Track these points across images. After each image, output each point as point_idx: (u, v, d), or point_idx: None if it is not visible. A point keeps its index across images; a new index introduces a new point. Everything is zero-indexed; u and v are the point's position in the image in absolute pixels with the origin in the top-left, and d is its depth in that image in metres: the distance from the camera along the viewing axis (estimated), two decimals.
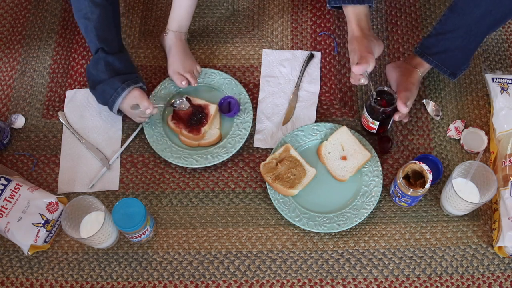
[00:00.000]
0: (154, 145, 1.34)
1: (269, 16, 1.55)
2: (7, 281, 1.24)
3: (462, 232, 1.26)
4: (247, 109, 1.39)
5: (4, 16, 1.57)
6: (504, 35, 1.49)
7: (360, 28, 1.28)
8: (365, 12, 1.31)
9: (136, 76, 1.33)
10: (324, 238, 1.27)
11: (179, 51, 1.40)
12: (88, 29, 1.31)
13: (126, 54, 1.37)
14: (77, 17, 1.33)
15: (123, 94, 1.29)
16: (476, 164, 1.18)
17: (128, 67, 1.35)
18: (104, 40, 1.32)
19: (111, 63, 1.31)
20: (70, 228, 1.17)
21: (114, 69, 1.31)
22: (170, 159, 1.33)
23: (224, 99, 1.39)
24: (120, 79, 1.29)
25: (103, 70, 1.30)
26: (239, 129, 1.37)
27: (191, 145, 1.35)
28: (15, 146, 1.39)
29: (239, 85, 1.42)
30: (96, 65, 1.32)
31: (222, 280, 1.23)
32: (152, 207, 1.31)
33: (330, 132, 1.35)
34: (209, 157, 1.33)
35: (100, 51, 1.31)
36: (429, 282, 1.22)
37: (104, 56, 1.31)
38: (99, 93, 1.33)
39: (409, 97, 1.29)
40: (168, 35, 1.41)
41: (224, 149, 1.34)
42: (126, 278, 1.24)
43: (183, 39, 1.42)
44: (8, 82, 1.47)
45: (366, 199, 1.27)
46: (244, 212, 1.30)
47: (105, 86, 1.30)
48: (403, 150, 1.36)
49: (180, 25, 1.40)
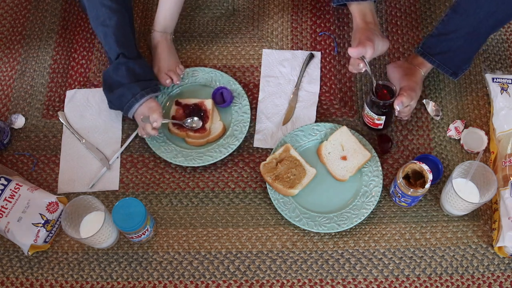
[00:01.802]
0: (163, 155, 1.33)
1: (269, 16, 1.55)
2: (7, 281, 1.24)
3: (462, 232, 1.26)
4: (240, 94, 1.40)
5: (4, 16, 1.57)
6: (504, 35, 1.49)
7: (365, 22, 1.28)
8: (370, 8, 1.30)
9: (156, 84, 1.35)
10: (324, 238, 1.27)
11: (163, 50, 1.41)
12: (108, 35, 1.32)
13: (144, 60, 1.38)
14: (95, 25, 1.35)
15: (141, 101, 1.29)
16: (476, 164, 1.18)
17: (147, 72, 1.36)
18: (124, 45, 1.33)
19: (132, 69, 1.32)
20: (70, 228, 1.17)
21: (135, 75, 1.32)
22: (184, 163, 1.32)
23: (216, 91, 1.40)
24: (140, 86, 1.30)
25: (124, 75, 1.31)
26: (239, 115, 1.38)
27: (200, 143, 1.35)
28: (15, 146, 1.39)
29: (225, 75, 1.43)
30: (116, 70, 1.32)
31: (222, 280, 1.23)
32: (152, 207, 1.31)
33: (330, 132, 1.35)
34: (222, 149, 1.34)
35: (121, 56, 1.32)
36: (429, 282, 1.22)
37: (125, 62, 1.32)
38: (116, 97, 1.32)
39: (413, 96, 1.29)
40: (153, 34, 1.42)
41: (233, 137, 1.35)
42: (126, 278, 1.24)
43: (168, 39, 1.43)
44: (8, 82, 1.47)
45: (366, 199, 1.27)
46: (244, 212, 1.30)
47: (124, 90, 1.30)
48: (403, 150, 1.36)
49: (165, 25, 1.41)
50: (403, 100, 1.24)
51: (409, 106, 1.30)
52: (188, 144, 1.36)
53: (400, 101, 1.24)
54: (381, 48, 1.28)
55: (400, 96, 1.25)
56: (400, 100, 1.24)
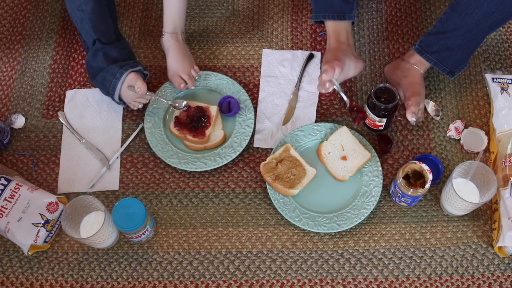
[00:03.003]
0: (159, 153, 1.33)
1: (269, 16, 1.55)
2: (7, 281, 1.24)
3: (462, 232, 1.26)
4: (247, 107, 1.39)
5: (4, 16, 1.57)
6: (504, 35, 1.49)
7: (338, 42, 1.28)
8: (346, 29, 1.31)
9: (134, 62, 1.35)
10: (324, 238, 1.27)
11: (177, 52, 1.39)
12: (84, 21, 1.33)
13: (123, 42, 1.39)
14: (71, 9, 1.35)
15: (121, 79, 1.30)
16: (476, 164, 1.18)
17: (125, 54, 1.36)
18: (100, 31, 1.33)
19: (108, 53, 1.33)
20: (70, 228, 1.17)
21: (112, 58, 1.33)
22: (178, 165, 1.32)
23: (223, 99, 1.39)
24: (118, 65, 1.31)
25: (102, 60, 1.33)
26: (242, 127, 1.37)
27: (197, 148, 1.35)
28: (15, 146, 1.39)
29: (237, 84, 1.42)
30: (95, 56, 1.34)
31: (222, 280, 1.23)
32: (152, 207, 1.31)
33: (330, 132, 1.35)
34: (217, 158, 1.33)
35: (97, 42, 1.33)
36: (429, 282, 1.22)
37: (102, 47, 1.33)
38: (100, 82, 1.34)
39: (419, 101, 1.30)
40: (165, 37, 1.40)
41: (231, 148, 1.34)
42: (126, 278, 1.24)
43: (180, 39, 1.41)
44: (8, 82, 1.47)
45: (366, 199, 1.27)
46: (244, 212, 1.30)
47: (105, 73, 1.32)
48: (403, 150, 1.36)
49: (174, 25, 1.39)
50: (413, 110, 1.28)
51: (420, 109, 1.31)
52: (187, 147, 1.36)
53: (411, 113, 1.27)
54: (353, 69, 1.28)
55: (409, 108, 1.27)
56: (411, 112, 1.27)
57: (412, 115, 1.28)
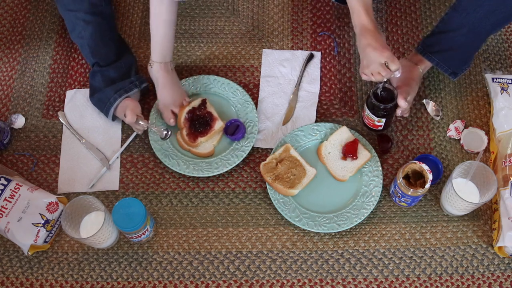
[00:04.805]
0: (157, 152, 1.33)
1: (269, 16, 1.55)
2: (7, 281, 1.24)
3: (462, 232, 1.26)
4: (250, 139, 1.35)
5: (4, 16, 1.57)
6: (504, 35, 1.49)
7: (371, 20, 1.18)
8: (371, 3, 1.21)
9: (130, 82, 1.35)
10: (324, 238, 1.27)
11: (167, 84, 1.34)
12: (83, 47, 1.39)
13: (123, 61, 1.39)
14: (73, 37, 1.42)
15: (114, 105, 1.33)
16: (476, 164, 1.18)
17: (123, 73, 1.37)
18: (99, 54, 1.37)
19: (106, 75, 1.36)
20: (70, 228, 1.17)
21: (110, 78, 1.36)
22: (168, 164, 1.32)
23: (233, 121, 1.36)
24: (113, 89, 1.33)
25: (100, 80, 1.36)
26: (239, 149, 1.34)
27: (183, 147, 1.35)
28: (15, 146, 1.39)
29: (255, 111, 1.37)
30: (93, 77, 1.38)
31: (222, 280, 1.23)
32: (152, 207, 1.31)
33: (330, 132, 1.35)
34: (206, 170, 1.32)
35: (95, 65, 1.38)
36: (429, 282, 1.22)
37: (99, 70, 1.37)
38: (96, 101, 1.38)
39: (409, 91, 1.28)
40: (154, 67, 1.33)
41: (222, 164, 1.32)
42: (126, 278, 1.24)
43: (169, 69, 1.34)
44: (8, 82, 1.47)
45: (366, 199, 1.27)
46: (244, 212, 1.30)
47: (101, 95, 1.35)
48: (403, 150, 1.36)
49: (164, 54, 1.32)
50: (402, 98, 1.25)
51: (408, 102, 1.28)
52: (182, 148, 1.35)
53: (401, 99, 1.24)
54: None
55: (399, 95, 1.25)
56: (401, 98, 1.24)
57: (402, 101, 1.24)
